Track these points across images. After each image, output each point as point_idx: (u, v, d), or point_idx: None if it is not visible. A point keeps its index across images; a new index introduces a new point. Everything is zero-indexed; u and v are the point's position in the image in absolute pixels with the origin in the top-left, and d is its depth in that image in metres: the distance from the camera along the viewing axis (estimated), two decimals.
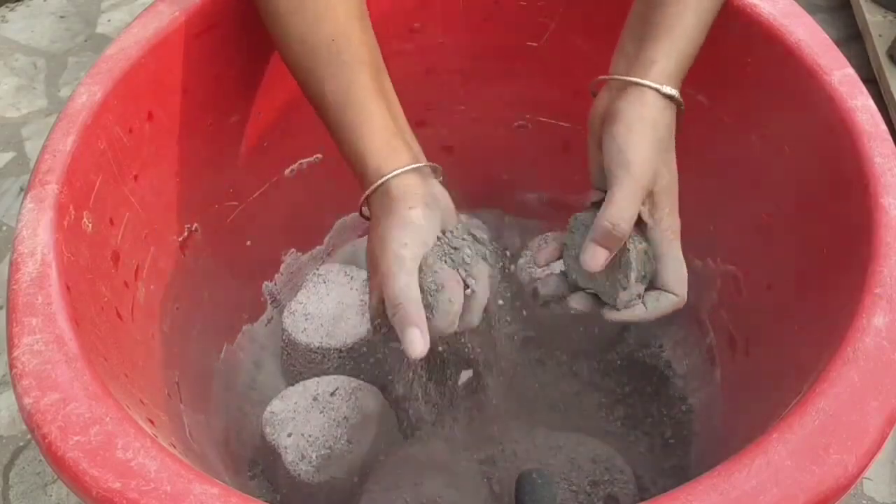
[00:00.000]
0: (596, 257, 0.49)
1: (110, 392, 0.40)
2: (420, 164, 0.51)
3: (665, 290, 0.52)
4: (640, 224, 0.51)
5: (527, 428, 0.71)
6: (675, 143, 0.72)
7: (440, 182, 0.54)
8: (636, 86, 0.51)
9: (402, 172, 0.50)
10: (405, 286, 0.47)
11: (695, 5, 0.53)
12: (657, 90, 0.51)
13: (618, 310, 0.52)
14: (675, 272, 0.52)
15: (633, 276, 0.50)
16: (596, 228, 0.49)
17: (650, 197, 0.51)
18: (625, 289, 0.51)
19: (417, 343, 0.46)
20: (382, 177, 0.50)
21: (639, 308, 0.52)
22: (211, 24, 0.60)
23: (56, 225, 0.46)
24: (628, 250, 0.50)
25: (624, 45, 0.55)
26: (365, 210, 0.53)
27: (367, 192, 0.51)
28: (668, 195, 0.52)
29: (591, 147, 0.55)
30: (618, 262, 0.51)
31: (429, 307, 0.48)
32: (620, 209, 0.48)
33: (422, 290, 0.48)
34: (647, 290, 0.52)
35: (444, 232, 0.51)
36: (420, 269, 0.49)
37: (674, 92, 0.52)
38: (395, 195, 0.50)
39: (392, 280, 0.48)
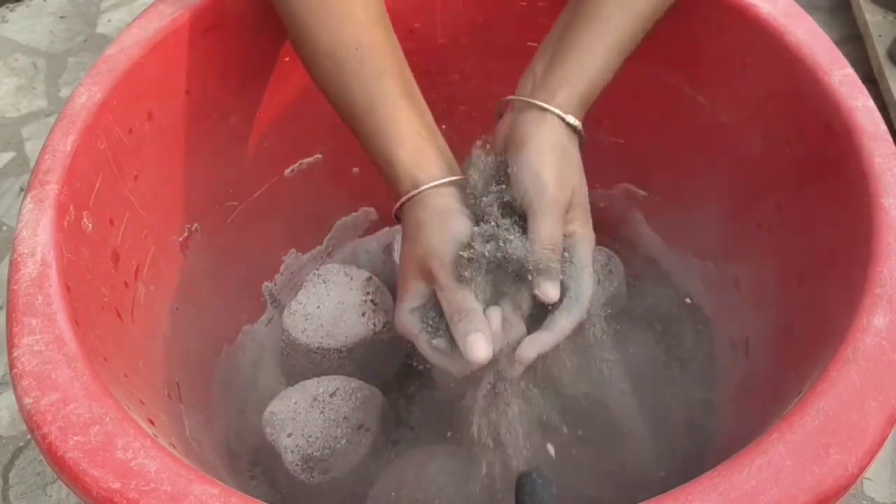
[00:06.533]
0: (551, 286, 0.47)
1: (110, 392, 0.40)
2: (454, 178, 0.52)
3: (577, 300, 0.49)
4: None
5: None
6: (679, 142, 0.72)
7: None
8: (539, 109, 0.52)
9: (436, 185, 0.51)
10: (468, 295, 0.47)
11: (609, 37, 0.53)
12: (560, 118, 0.51)
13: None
14: (587, 283, 0.50)
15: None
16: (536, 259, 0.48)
17: (567, 213, 0.50)
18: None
19: (482, 346, 0.45)
20: (417, 187, 0.51)
21: (559, 324, 0.49)
22: (212, 24, 0.60)
23: (56, 225, 0.46)
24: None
25: (534, 65, 0.56)
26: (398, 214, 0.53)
27: (401, 202, 0.52)
28: (581, 210, 0.52)
29: None
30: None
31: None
32: (550, 233, 0.48)
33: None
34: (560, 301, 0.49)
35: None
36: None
37: (576, 123, 0.52)
38: (433, 206, 0.50)
39: (454, 287, 0.47)
